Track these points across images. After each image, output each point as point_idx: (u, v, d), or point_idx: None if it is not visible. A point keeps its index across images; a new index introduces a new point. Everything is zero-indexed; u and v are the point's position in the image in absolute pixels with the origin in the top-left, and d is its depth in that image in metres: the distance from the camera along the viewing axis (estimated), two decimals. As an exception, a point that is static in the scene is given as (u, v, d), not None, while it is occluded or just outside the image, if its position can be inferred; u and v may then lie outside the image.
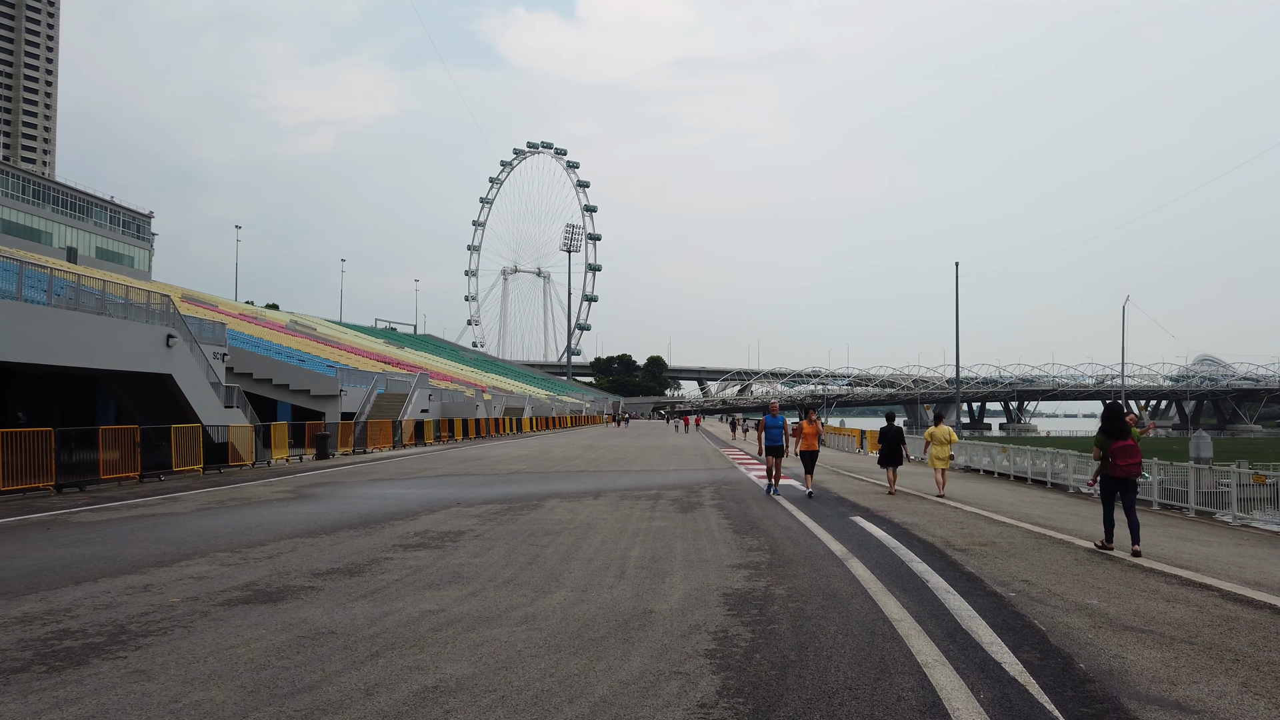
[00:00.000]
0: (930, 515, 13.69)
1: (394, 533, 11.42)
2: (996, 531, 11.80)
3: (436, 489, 18.27)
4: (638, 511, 13.97)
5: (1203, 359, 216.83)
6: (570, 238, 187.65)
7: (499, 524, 12.33)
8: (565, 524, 12.32)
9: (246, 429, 26.02)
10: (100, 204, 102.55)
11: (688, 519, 12.98)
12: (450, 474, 22.94)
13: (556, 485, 19.20)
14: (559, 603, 7.08)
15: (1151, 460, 20.30)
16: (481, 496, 16.51)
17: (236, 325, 64.99)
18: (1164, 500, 18.52)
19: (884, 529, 11.83)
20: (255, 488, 18.77)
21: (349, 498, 16.53)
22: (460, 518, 13.11)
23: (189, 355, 24.53)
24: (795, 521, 12.66)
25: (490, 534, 11.24)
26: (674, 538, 10.89)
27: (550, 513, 13.77)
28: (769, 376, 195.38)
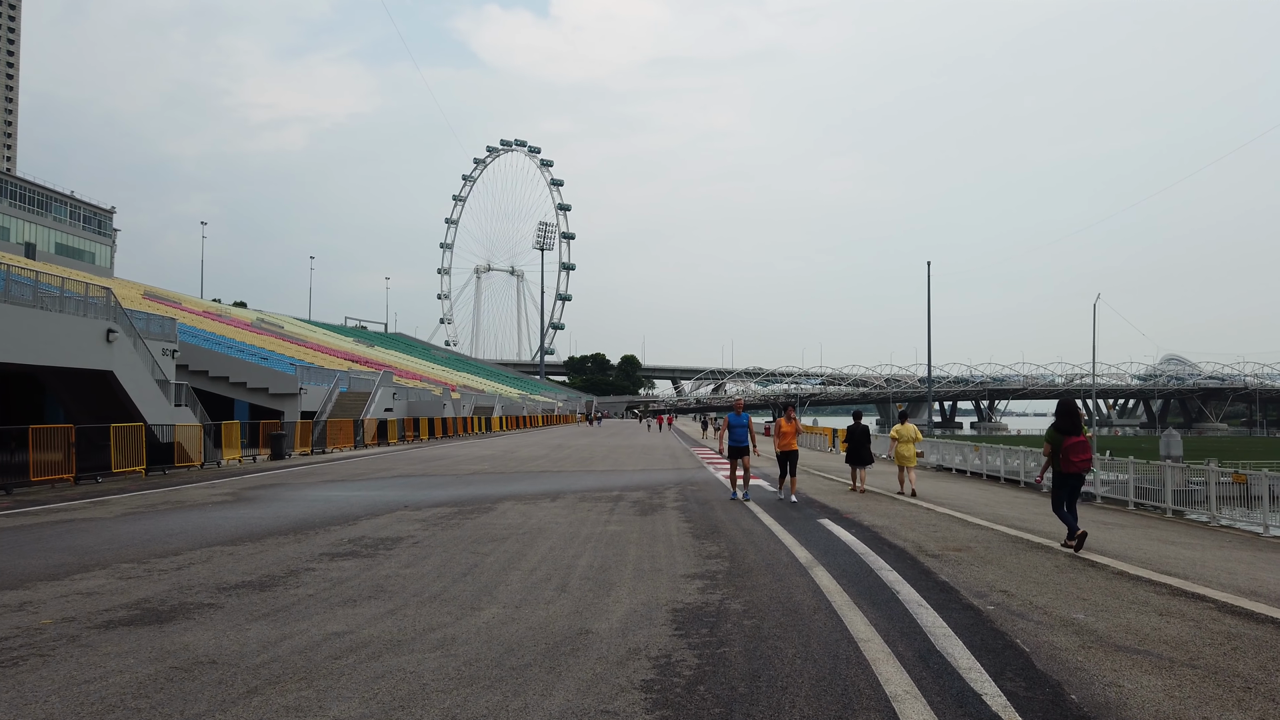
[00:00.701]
0: (902, 518, 13.01)
1: (326, 539, 10.56)
2: (971, 535, 11.13)
3: (387, 491, 17.39)
4: (595, 514, 13.19)
5: (1169, 358, 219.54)
6: (543, 236, 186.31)
7: (443, 529, 11.50)
8: (515, 529, 11.52)
9: (195, 428, 24.95)
10: (60, 199, 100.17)
11: (646, 522, 12.21)
12: (407, 475, 22.04)
13: (515, 487, 18.38)
14: (486, 621, 6.29)
15: (1128, 459, 19.90)
16: (432, 499, 15.66)
17: (200, 323, 63.50)
18: (1138, 500, 18.06)
19: (853, 533, 11.13)
20: (195, 490, 17.79)
21: (291, 500, 15.62)
22: (404, 522, 12.27)
23: (132, 351, 23.41)
24: (760, 525, 11.93)
25: (431, 540, 10.42)
26: (628, 544, 10.13)
27: (502, 516, 12.96)
28: (743, 375, 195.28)
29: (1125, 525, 13.62)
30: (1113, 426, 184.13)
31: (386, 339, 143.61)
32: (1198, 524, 15.34)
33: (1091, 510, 16.29)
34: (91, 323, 21.99)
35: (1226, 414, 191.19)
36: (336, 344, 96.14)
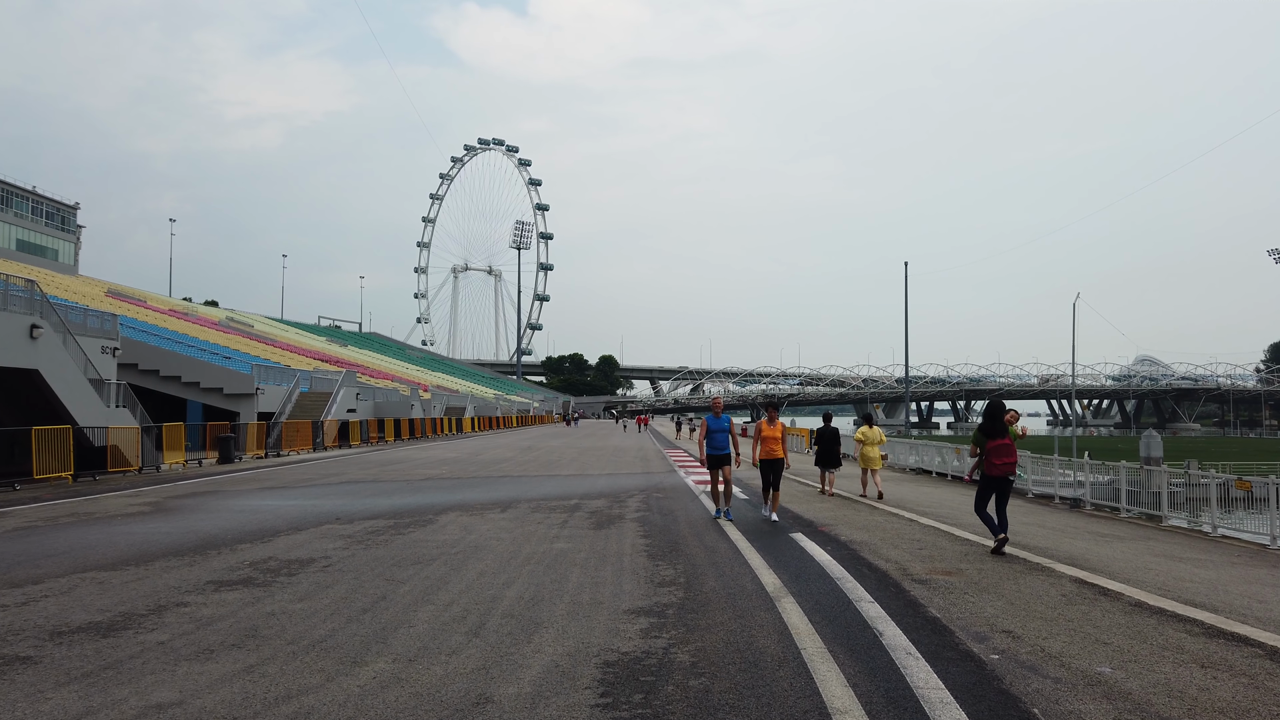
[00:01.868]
0: (883, 531, 11.79)
1: (224, 562, 9.19)
2: (960, 552, 9.91)
3: (325, 500, 15.98)
4: (544, 528, 11.88)
5: (1142, 359, 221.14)
6: (520, 235, 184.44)
7: (367, 548, 10.15)
8: (449, 547, 10.19)
9: (132, 431, 23.38)
10: (21, 194, 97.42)
11: (599, 538, 10.92)
12: (355, 481, 20.62)
13: (467, 494, 17.03)
14: (364, 684, 4.97)
15: (1120, 463, 18.85)
16: (370, 510, 14.28)
17: (164, 321, 61.52)
18: (1128, 505, 17.01)
19: (829, 550, 9.89)
20: (114, 500, 16.30)
21: (214, 512, 14.19)
22: (325, 539, 10.90)
23: (61, 348, 21.82)
24: (725, 541, 10.66)
25: (345, 563, 9.07)
26: (572, 566, 8.83)
27: (439, 531, 11.62)
28: (721, 376, 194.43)
29: (1123, 537, 12.48)
30: (1087, 427, 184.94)
31: (361, 339, 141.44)
32: (1196, 533, 14.26)
33: (1080, 518, 15.16)
34: (13, 317, 20.40)
35: (1199, 414, 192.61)
36: (308, 344, 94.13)
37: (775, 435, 13.12)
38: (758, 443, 13.10)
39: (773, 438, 13.07)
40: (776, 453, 13.00)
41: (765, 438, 13.05)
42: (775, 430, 13.16)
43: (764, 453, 13.01)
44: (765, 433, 13.09)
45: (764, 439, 13.04)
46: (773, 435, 13.09)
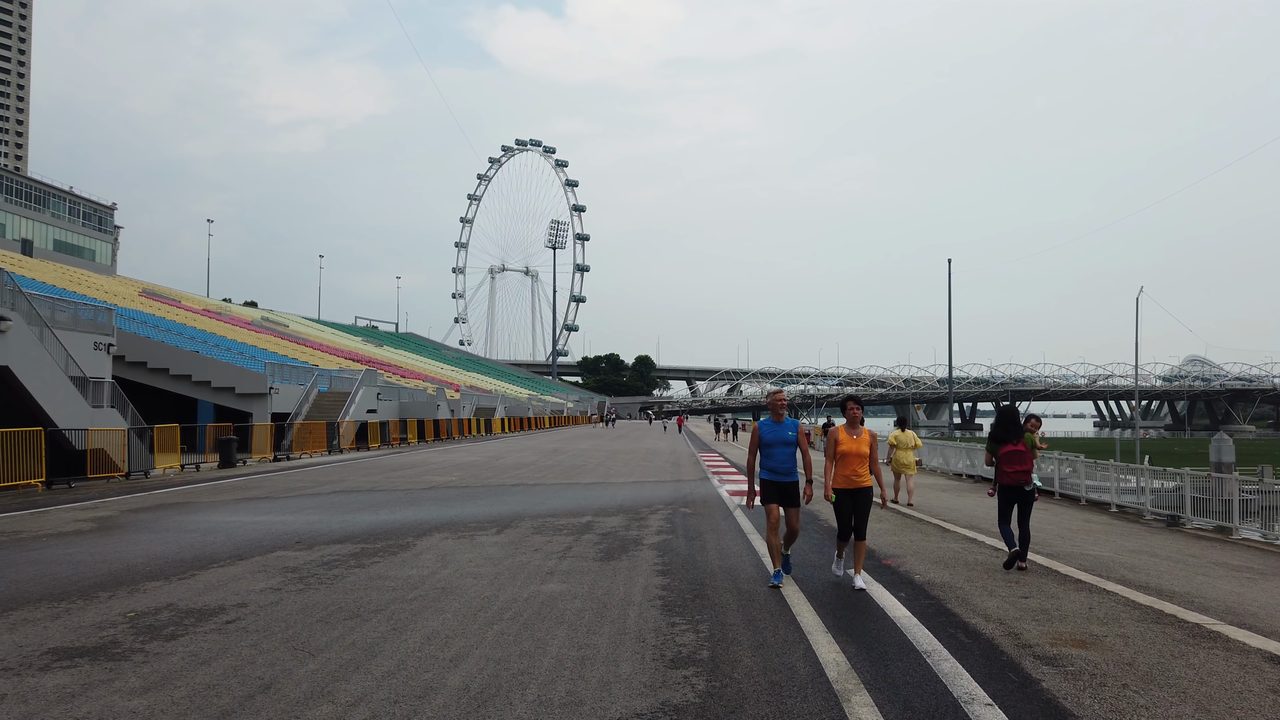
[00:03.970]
0: (965, 566, 9.33)
1: (103, 613, 7.00)
2: (1084, 604, 7.43)
3: (299, 515, 13.84)
4: (540, 558, 9.59)
5: (1191, 359, 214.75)
6: (555, 234, 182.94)
7: (305, 589, 7.93)
8: (409, 588, 7.94)
9: (117, 433, 21.52)
10: (59, 194, 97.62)
11: (604, 574, 8.60)
12: (351, 489, 18.51)
13: (466, 508, 14.81)
14: None
15: (1184, 469, 16.26)
16: (343, 529, 12.09)
17: (196, 321, 60.40)
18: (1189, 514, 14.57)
19: (903, 598, 7.48)
20: (61, 514, 14.29)
21: (162, 531, 12.10)
22: (262, 574, 8.70)
23: (35, 344, 19.99)
24: (764, 585, 8.28)
25: (258, 617, 6.84)
26: (558, 625, 6.52)
27: (410, 562, 9.39)
28: (758, 376, 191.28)
29: (1264, 572, 9.89)
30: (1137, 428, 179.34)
31: (397, 339, 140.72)
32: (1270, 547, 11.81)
33: (1184, 539, 12.52)
34: (-23, 309, 18.62)
35: (1253, 415, 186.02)
36: (343, 344, 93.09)
37: (860, 450, 8.27)
38: (833, 462, 8.34)
39: (856, 454, 8.26)
40: (863, 477, 8.27)
41: (846, 453, 8.28)
42: (860, 441, 8.31)
43: (842, 478, 8.30)
44: (845, 445, 8.31)
45: (843, 455, 8.28)
46: (856, 450, 8.27)
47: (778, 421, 8.27)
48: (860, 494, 8.21)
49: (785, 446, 8.18)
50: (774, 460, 8.19)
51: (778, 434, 8.23)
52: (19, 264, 60.80)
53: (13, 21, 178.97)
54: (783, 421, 8.28)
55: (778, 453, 8.20)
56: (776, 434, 8.23)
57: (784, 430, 8.23)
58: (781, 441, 8.19)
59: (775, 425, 8.27)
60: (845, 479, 8.24)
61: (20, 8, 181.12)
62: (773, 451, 8.22)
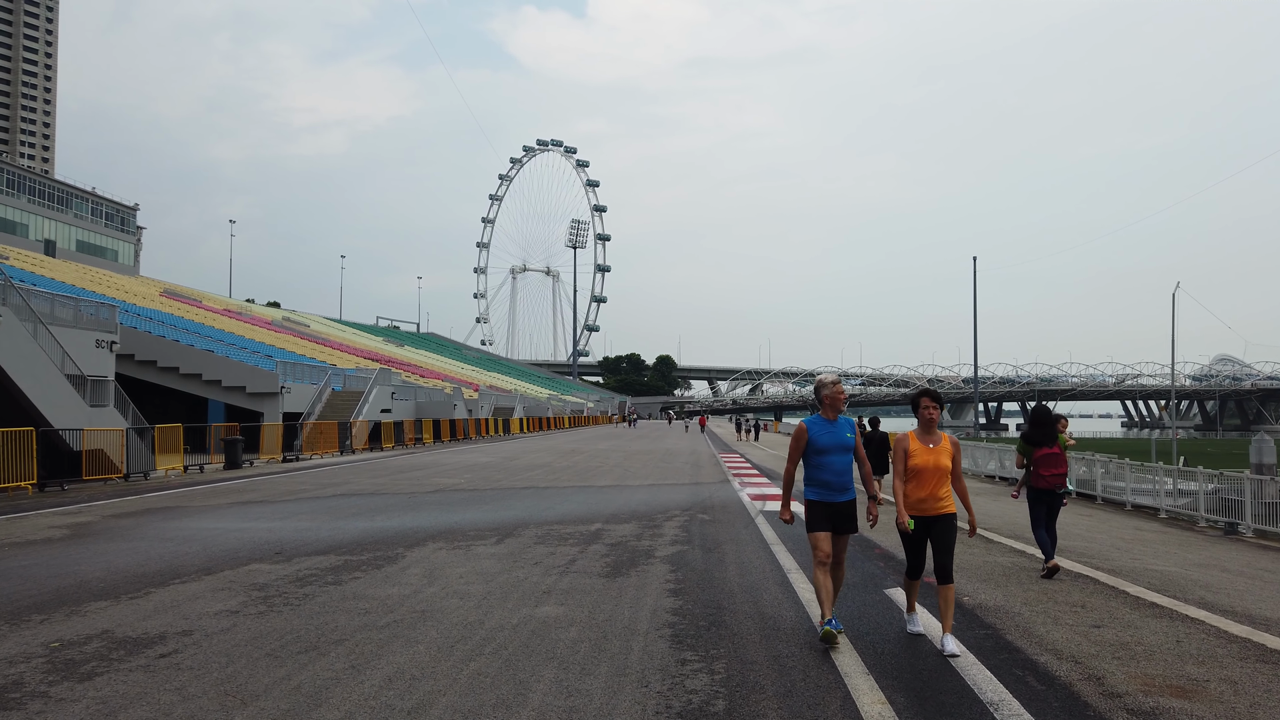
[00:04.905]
0: (1015, 582, 8.23)
1: (23, 643, 6.07)
2: (1169, 636, 6.32)
3: (288, 521, 12.92)
4: (538, 573, 8.59)
5: (1221, 358, 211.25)
6: (576, 234, 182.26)
7: (267, 611, 6.97)
8: (384, 611, 6.97)
9: (115, 433, 20.76)
10: (81, 195, 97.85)
11: (609, 594, 7.58)
12: (353, 493, 17.62)
13: (469, 514, 13.85)
14: None
15: (1243, 473, 15.06)
16: (331, 538, 11.15)
17: (216, 320, 60.05)
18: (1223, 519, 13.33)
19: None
20: (41, 518, 13.46)
21: (138, 539, 11.21)
22: (225, 591, 7.76)
23: (28, 340, 19.24)
24: (790, 604, 7.23)
25: (201, 648, 5.88)
26: (546, 662, 5.51)
27: (393, 577, 8.42)
28: (780, 376, 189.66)
29: (1259, 569, 8.72)
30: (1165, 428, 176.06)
31: (418, 339, 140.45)
32: None
33: (1240, 548, 11.32)
34: (-37, 304, 17.89)
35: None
36: (363, 343, 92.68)
37: (940, 464, 6.06)
38: (903, 479, 6.19)
39: (935, 469, 6.05)
40: (944, 501, 6.06)
41: (921, 469, 6.06)
42: (939, 452, 6.11)
43: (915, 502, 6.10)
44: (920, 458, 6.08)
45: (918, 471, 6.08)
46: (935, 464, 6.05)
47: (830, 420, 6.19)
48: (941, 523, 6.03)
49: (842, 454, 6.11)
50: (826, 472, 6.07)
51: (833, 437, 6.11)
52: (41, 264, 60.71)
53: (39, 26, 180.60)
54: (837, 421, 6.21)
55: (832, 463, 6.08)
56: (831, 437, 6.11)
57: (840, 432, 6.14)
58: (838, 447, 6.10)
59: (828, 425, 6.16)
60: (920, 504, 6.04)
61: (47, 11, 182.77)
62: (826, 461, 6.08)
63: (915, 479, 6.06)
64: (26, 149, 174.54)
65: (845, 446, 6.13)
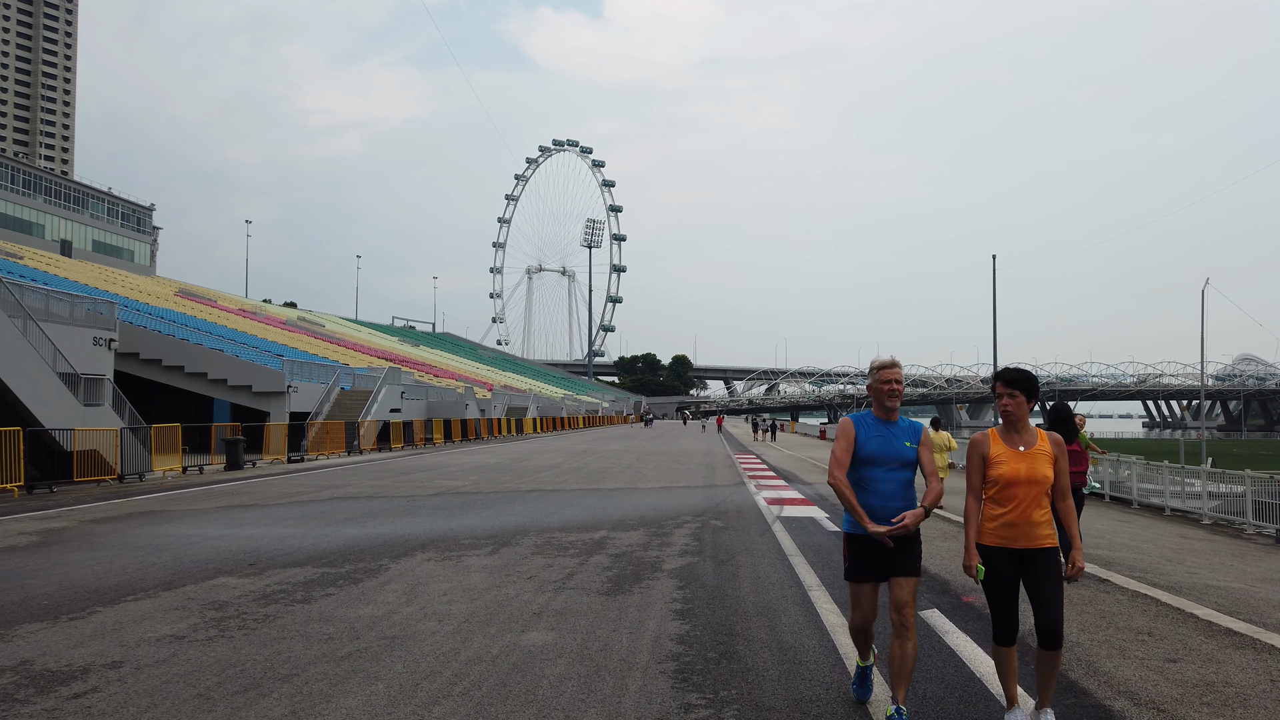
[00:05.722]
0: (1068, 603, 7.30)
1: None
2: (1260, 674, 5.36)
3: (271, 528, 12.12)
4: (532, 589, 7.73)
5: (1243, 358, 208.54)
6: (591, 233, 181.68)
7: (218, 637, 6.15)
8: (353, 635, 6.13)
9: (109, 433, 20.06)
10: (97, 195, 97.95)
11: (606, 615, 6.71)
12: (350, 496, 16.83)
13: (466, 520, 13.02)
14: None
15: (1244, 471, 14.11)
16: (312, 547, 10.33)
17: (230, 320, 59.64)
18: None
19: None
20: (10, 524, 12.67)
21: (107, 548, 10.42)
22: (175, 612, 6.94)
23: (17, 337, 18.56)
24: (811, 625, 6.34)
25: (118, 688, 5.05)
26: (524, 707, 4.64)
27: (372, 593, 7.58)
28: (796, 376, 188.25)
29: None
30: (1187, 429, 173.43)
31: (434, 339, 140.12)
32: None
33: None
34: (-52, 300, 17.24)
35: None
36: (378, 343, 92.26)
37: (1038, 474, 4.23)
38: (978, 496, 4.36)
39: (1030, 480, 4.22)
40: (1043, 528, 4.24)
41: (1011, 481, 4.23)
42: (1035, 457, 4.27)
43: (1002, 529, 4.25)
44: (1006, 466, 4.25)
45: (1006, 485, 4.25)
46: (1030, 474, 4.22)
47: (886, 418, 4.51)
48: (1040, 561, 4.18)
49: (900, 468, 4.40)
50: (873, 493, 4.39)
51: (885, 444, 4.43)
52: (56, 264, 60.50)
53: (58, 29, 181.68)
54: (895, 422, 4.50)
55: (881, 481, 4.39)
56: (883, 443, 4.43)
57: (897, 438, 4.44)
58: (894, 459, 4.40)
59: (881, 427, 4.48)
60: (1008, 531, 4.19)
61: (66, 15, 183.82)
62: (873, 477, 4.40)
63: (1002, 495, 4.25)
64: (46, 151, 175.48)
65: (904, 460, 4.41)
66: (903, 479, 4.43)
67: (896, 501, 4.40)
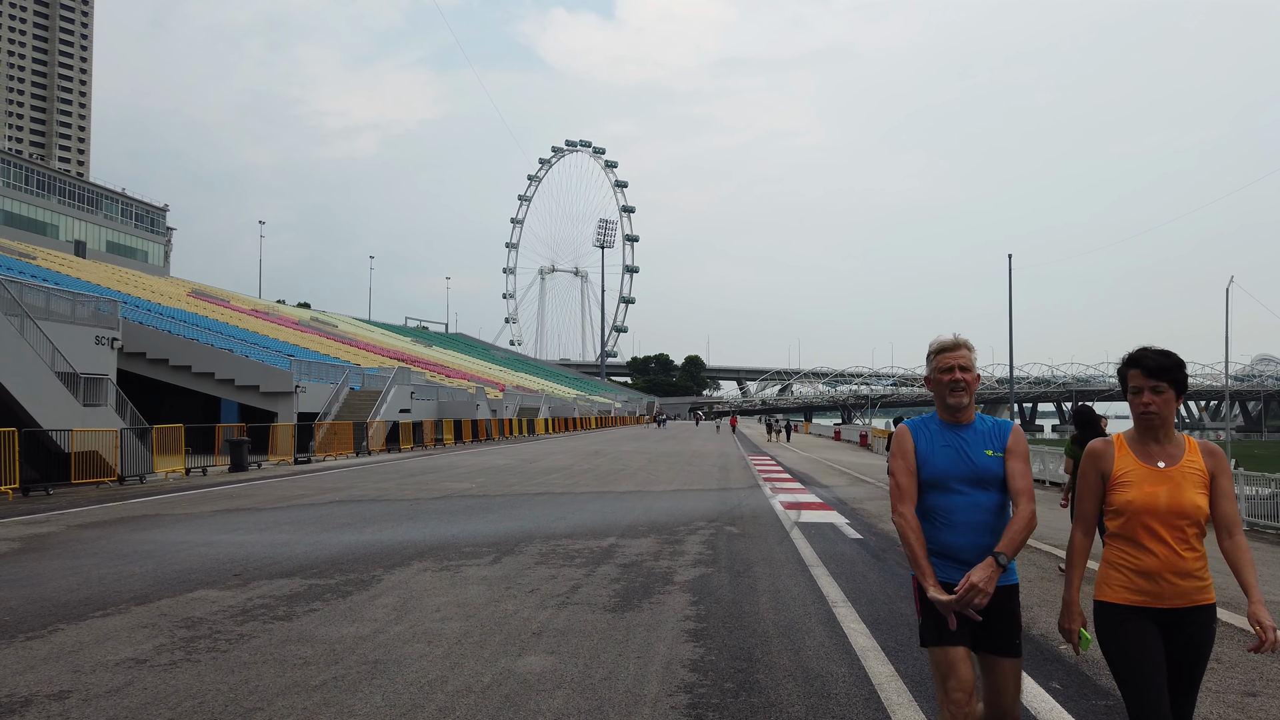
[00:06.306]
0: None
1: None
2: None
3: (265, 534, 11.57)
4: (532, 605, 7.14)
5: (1262, 358, 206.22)
6: (604, 233, 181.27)
7: (183, 659, 5.58)
8: (332, 659, 5.55)
9: (109, 434, 19.60)
10: (111, 196, 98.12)
11: (612, 636, 6.11)
12: (352, 499, 16.30)
13: (469, 525, 12.44)
14: None
15: None
16: (304, 555, 9.76)
17: (243, 320, 59.39)
18: None
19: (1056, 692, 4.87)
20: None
21: (90, 554, 9.89)
22: (142, 631, 6.38)
23: (14, 336, 18.12)
24: (843, 661, 5.72)
25: (69, 718, 4.49)
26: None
27: (360, 608, 7.00)
28: (810, 376, 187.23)
29: None
30: (1205, 429, 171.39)
31: (446, 339, 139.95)
32: None
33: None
34: (-60, 297, 16.80)
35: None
36: (391, 344, 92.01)
37: (1187, 502, 2.98)
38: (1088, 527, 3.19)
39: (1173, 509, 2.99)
40: (1195, 581, 3.01)
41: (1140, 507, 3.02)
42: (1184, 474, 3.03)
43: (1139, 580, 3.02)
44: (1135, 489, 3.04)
45: (1136, 513, 3.03)
46: (1169, 500, 2.99)
47: (954, 423, 3.32)
48: (1189, 625, 3.02)
49: (981, 488, 3.22)
50: (957, 527, 3.20)
51: (959, 455, 3.25)
52: (69, 264, 60.42)
53: (74, 30, 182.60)
54: (969, 424, 3.31)
55: (966, 506, 3.21)
56: (957, 455, 3.25)
57: (973, 446, 3.26)
58: (970, 476, 3.22)
59: (951, 433, 3.30)
60: (1145, 583, 3.02)
61: (82, 18, 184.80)
62: (951, 504, 3.22)
63: (1131, 528, 3.04)
64: (62, 153, 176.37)
65: (982, 476, 3.18)
66: (991, 503, 3.19)
67: (987, 537, 3.17)
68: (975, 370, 3.32)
